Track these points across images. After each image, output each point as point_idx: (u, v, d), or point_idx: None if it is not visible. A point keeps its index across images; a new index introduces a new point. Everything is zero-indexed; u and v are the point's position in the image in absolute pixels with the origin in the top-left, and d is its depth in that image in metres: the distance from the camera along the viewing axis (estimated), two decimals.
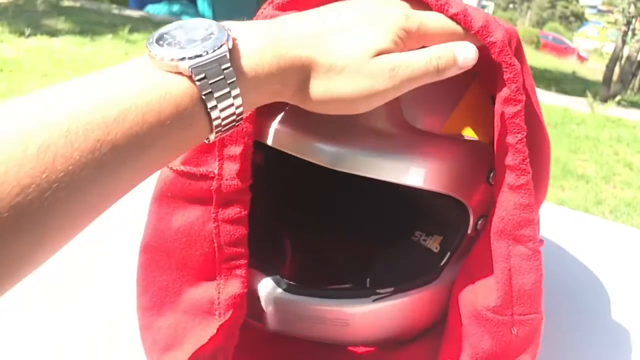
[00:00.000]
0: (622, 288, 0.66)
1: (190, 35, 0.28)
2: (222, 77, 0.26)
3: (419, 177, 0.38)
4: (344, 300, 0.43)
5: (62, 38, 5.25)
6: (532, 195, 0.36)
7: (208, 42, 0.27)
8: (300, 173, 0.48)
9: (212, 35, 0.27)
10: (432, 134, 0.39)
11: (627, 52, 8.02)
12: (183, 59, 0.26)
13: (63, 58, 4.53)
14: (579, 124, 5.16)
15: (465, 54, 0.33)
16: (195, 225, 0.39)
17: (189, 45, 0.27)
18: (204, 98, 0.26)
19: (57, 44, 5.00)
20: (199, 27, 0.28)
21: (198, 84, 0.26)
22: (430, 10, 0.34)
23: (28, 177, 0.21)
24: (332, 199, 0.58)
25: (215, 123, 0.27)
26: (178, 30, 0.28)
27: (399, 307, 0.43)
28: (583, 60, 17.66)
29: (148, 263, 0.41)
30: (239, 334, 0.41)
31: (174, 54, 0.26)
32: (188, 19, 0.29)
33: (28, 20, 5.57)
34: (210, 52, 0.26)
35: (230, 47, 0.27)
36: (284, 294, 0.43)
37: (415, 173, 0.38)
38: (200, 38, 0.27)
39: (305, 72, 0.30)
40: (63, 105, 0.23)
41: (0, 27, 5.06)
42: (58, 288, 0.55)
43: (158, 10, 7.98)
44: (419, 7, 0.34)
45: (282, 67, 0.29)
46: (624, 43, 7.97)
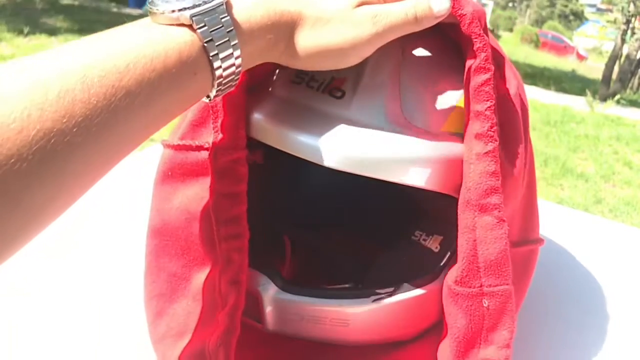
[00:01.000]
0: (621, 287, 0.66)
1: None
2: (221, 25, 0.28)
3: (420, 177, 0.38)
4: (344, 300, 0.43)
5: (61, 37, 5.24)
6: (498, 163, 0.36)
7: None
8: (300, 172, 0.47)
9: None
10: (432, 133, 0.39)
11: (626, 50, 8.02)
12: (183, 9, 0.27)
13: None
14: (579, 123, 5.16)
15: (440, 6, 0.35)
16: (194, 202, 0.40)
17: None
18: (206, 46, 0.28)
19: (56, 43, 4.98)
20: None
21: (199, 32, 0.28)
22: None
23: (50, 120, 0.22)
24: (332, 199, 0.57)
25: (217, 73, 0.29)
26: None
27: (399, 307, 0.43)
28: (582, 59, 17.66)
29: (156, 249, 0.42)
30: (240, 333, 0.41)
31: (174, 6, 0.28)
32: None
33: (27, 19, 5.56)
34: (208, 2, 0.28)
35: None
36: (283, 294, 0.43)
37: (416, 173, 0.38)
38: None
39: (294, 25, 0.32)
40: (78, 56, 0.24)
41: None
42: (60, 285, 0.55)
43: None
44: None
45: (272, 19, 0.31)
46: (624, 42, 7.97)
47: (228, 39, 0.29)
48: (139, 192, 0.57)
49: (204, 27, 0.28)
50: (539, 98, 6.32)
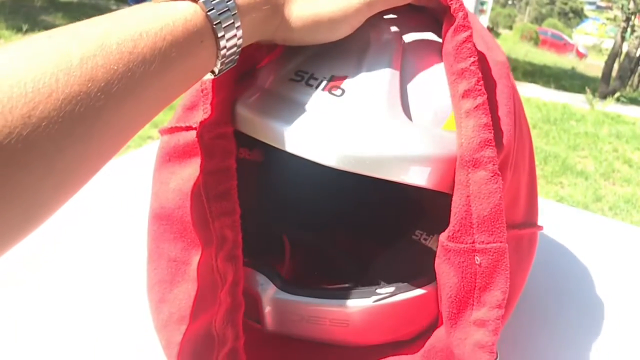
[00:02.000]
0: (621, 286, 0.66)
1: None
2: None
3: (421, 176, 0.37)
4: (344, 301, 0.42)
5: None
6: (489, 115, 0.36)
7: None
8: (299, 171, 0.47)
9: None
10: (433, 132, 0.39)
11: (626, 48, 8.02)
12: None
13: None
14: (578, 121, 5.16)
15: None
16: (188, 182, 0.40)
17: None
18: (209, 14, 0.30)
19: None
20: None
21: (201, 1, 0.30)
22: None
23: (76, 84, 0.24)
24: (331, 198, 0.57)
25: (222, 44, 0.31)
26: None
27: (400, 307, 0.43)
28: (582, 57, 17.66)
29: (156, 235, 0.42)
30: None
31: None
32: None
33: (25, 17, 5.55)
34: None
35: None
36: (283, 294, 0.43)
37: (418, 172, 0.37)
38: None
39: None
40: (94, 28, 0.26)
41: None
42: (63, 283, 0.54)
43: None
44: None
45: None
46: (623, 39, 7.96)
47: (228, 9, 0.31)
48: (139, 188, 0.57)
49: None
50: (539, 96, 6.32)
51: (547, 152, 3.94)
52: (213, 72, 0.33)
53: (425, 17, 0.44)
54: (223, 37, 0.31)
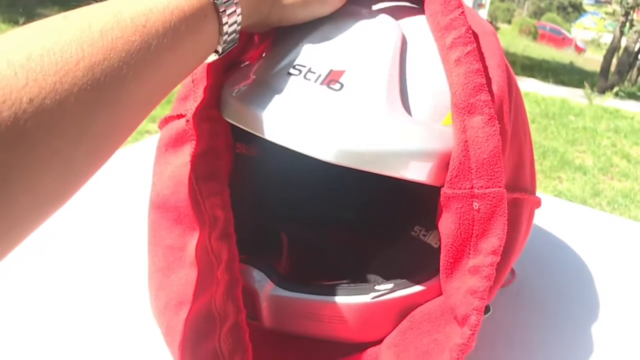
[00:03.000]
0: (619, 281, 0.66)
1: None
2: None
3: (421, 172, 0.37)
4: (342, 297, 0.42)
5: None
6: (480, 62, 0.37)
7: None
8: (297, 166, 0.46)
9: None
10: (432, 127, 0.38)
11: (624, 43, 8.01)
12: None
13: None
14: (577, 116, 5.16)
15: None
16: (181, 168, 0.42)
17: None
18: None
19: None
20: None
21: None
22: None
23: (100, 54, 0.25)
24: (329, 194, 0.57)
25: (224, 20, 0.33)
26: None
27: (398, 304, 0.42)
28: (581, 51, 17.63)
29: (154, 224, 0.43)
30: None
31: None
32: None
33: (22, 10, 5.51)
34: None
35: None
36: (280, 291, 0.42)
37: (417, 168, 0.37)
38: None
39: None
40: (107, 7, 0.28)
41: None
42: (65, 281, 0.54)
43: None
44: None
45: None
46: (622, 34, 7.95)
47: None
48: (136, 181, 0.56)
49: None
50: (538, 90, 6.31)
51: (545, 146, 3.94)
52: (217, 51, 0.35)
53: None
54: (224, 12, 0.33)
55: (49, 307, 0.51)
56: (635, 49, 7.91)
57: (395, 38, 0.40)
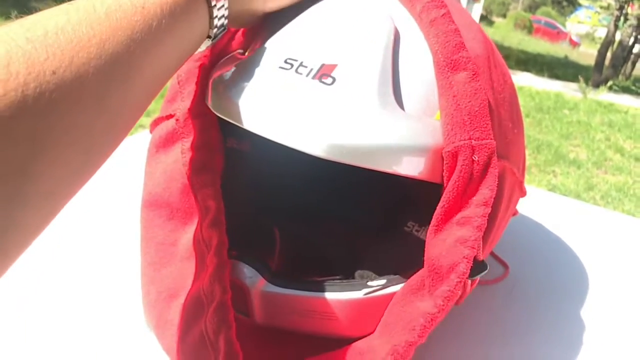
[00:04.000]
0: (612, 274, 0.66)
1: None
2: None
3: (413, 167, 0.36)
4: (334, 293, 0.42)
5: None
6: (454, 23, 0.38)
7: None
8: (288, 161, 0.46)
9: None
10: (425, 122, 0.38)
11: (619, 37, 8.02)
12: None
13: None
14: (571, 109, 5.17)
15: None
16: (172, 165, 0.44)
17: None
18: None
19: None
20: None
21: None
22: None
23: (109, 32, 0.27)
24: (322, 189, 0.56)
25: (212, 3, 0.34)
26: None
27: (391, 300, 0.42)
28: (575, 45, 17.65)
29: (146, 222, 0.44)
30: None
31: None
32: None
33: (15, 3, 5.46)
34: None
35: None
36: (272, 287, 0.42)
37: (408, 163, 0.36)
38: None
39: None
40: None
41: None
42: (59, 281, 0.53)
43: None
44: None
45: None
46: (616, 28, 7.96)
47: None
48: (129, 176, 0.56)
49: None
50: (532, 84, 6.32)
51: (540, 140, 3.95)
52: (209, 36, 0.36)
53: None
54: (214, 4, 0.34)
55: (42, 304, 0.50)
56: (630, 43, 7.93)
57: (388, 31, 0.39)
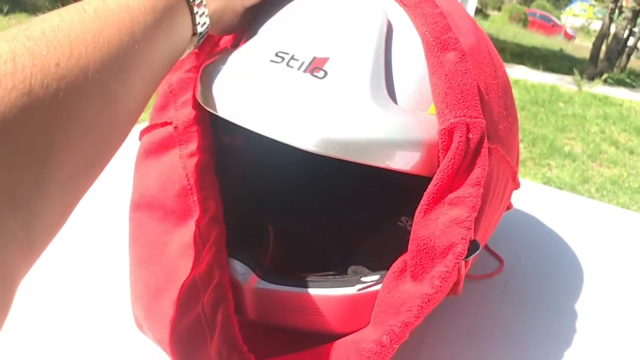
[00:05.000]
0: (606, 267, 0.66)
1: None
2: None
3: (405, 161, 0.36)
4: (328, 290, 0.41)
5: (41, 15, 5.12)
6: (438, 7, 0.39)
7: None
8: (281, 156, 0.45)
9: None
10: (418, 116, 0.37)
11: (614, 30, 8.02)
12: None
13: None
14: (566, 102, 5.17)
15: None
16: (168, 170, 0.45)
17: None
18: None
19: None
20: None
21: None
22: None
23: (100, 27, 0.28)
24: (315, 184, 0.56)
25: (197, 11, 0.35)
26: None
27: None
28: (570, 38, 17.65)
29: (136, 223, 0.45)
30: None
31: None
32: None
33: None
34: None
35: None
36: (264, 284, 0.41)
37: (401, 157, 0.36)
38: None
39: None
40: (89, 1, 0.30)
41: None
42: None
43: None
44: None
45: None
46: (611, 21, 7.96)
47: None
48: (118, 175, 0.55)
49: None
50: (527, 77, 6.32)
51: (535, 134, 3.95)
52: (195, 33, 0.36)
53: None
54: (194, 4, 0.35)
55: (32, 304, 0.50)
56: (624, 36, 7.93)
57: (380, 23, 0.39)
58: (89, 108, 0.27)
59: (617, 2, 7.89)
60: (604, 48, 7.94)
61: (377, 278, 0.41)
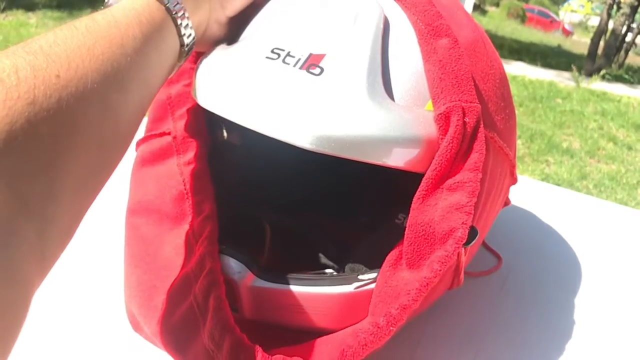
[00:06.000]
0: (604, 264, 0.66)
1: None
2: None
3: (402, 158, 0.36)
4: (325, 288, 0.41)
5: (39, 12, 5.11)
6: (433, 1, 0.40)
7: None
8: (277, 153, 0.45)
9: None
10: (415, 113, 0.37)
11: (612, 25, 8.01)
12: None
13: (39, 33, 4.40)
14: (564, 98, 5.17)
15: None
16: (165, 177, 0.46)
17: None
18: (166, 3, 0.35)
19: (33, 19, 4.86)
20: None
21: None
22: None
23: (93, 41, 0.29)
24: (312, 181, 0.55)
25: (181, 23, 0.36)
26: None
27: None
28: (568, 34, 17.65)
29: (132, 227, 0.46)
30: None
31: None
32: None
33: None
34: None
35: None
36: (261, 282, 0.41)
37: (397, 155, 0.36)
38: None
39: None
40: (79, 20, 0.31)
41: None
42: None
43: None
44: None
45: None
46: (609, 17, 7.95)
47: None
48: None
49: None
50: (526, 73, 6.32)
51: (533, 130, 3.95)
52: (182, 44, 0.37)
53: None
54: (175, 13, 0.36)
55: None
56: (622, 32, 7.92)
57: (377, 19, 0.38)
58: (92, 116, 0.28)
59: None
60: (602, 44, 7.94)
61: (374, 276, 0.41)
